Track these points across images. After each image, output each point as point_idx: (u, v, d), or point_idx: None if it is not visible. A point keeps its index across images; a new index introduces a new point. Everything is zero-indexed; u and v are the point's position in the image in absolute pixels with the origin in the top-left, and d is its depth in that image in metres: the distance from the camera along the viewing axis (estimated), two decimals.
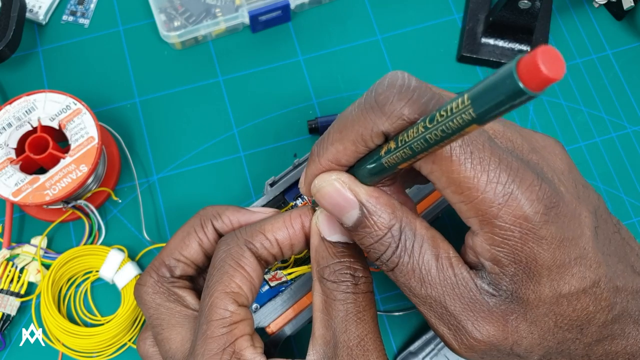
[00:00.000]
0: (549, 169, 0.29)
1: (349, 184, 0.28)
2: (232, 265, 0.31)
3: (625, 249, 0.31)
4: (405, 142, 0.24)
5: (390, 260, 0.28)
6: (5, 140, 0.44)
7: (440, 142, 0.23)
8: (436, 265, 0.28)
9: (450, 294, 0.28)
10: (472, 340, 0.28)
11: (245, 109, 0.52)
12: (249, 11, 0.51)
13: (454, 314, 0.28)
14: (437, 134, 0.22)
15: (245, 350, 0.30)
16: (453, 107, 0.21)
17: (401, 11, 0.55)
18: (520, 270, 0.27)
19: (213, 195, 0.49)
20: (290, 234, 0.32)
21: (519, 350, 0.28)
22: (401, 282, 0.29)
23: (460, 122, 0.21)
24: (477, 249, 0.27)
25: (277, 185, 0.41)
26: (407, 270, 0.28)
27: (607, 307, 0.28)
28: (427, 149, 0.24)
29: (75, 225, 0.48)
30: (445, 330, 0.29)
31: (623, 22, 0.56)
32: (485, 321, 0.27)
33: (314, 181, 0.29)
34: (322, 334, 0.30)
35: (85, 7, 0.54)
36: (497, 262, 0.27)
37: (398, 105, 0.26)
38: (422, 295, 0.28)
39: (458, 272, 0.28)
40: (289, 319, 0.37)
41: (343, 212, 0.29)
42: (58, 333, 0.44)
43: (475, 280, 0.28)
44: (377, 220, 0.28)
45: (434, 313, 0.28)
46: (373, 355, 0.30)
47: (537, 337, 0.28)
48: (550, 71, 0.17)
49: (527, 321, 0.27)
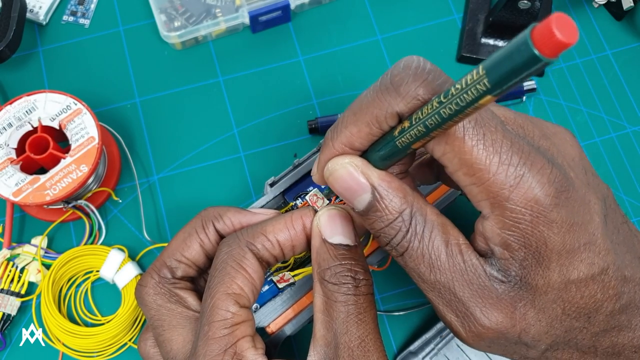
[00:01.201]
0: (559, 155, 0.29)
1: (361, 167, 0.28)
2: (234, 266, 0.31)
3: (633, 240, 0.31)
4: (419, 120, 0.25)
5: (400, 245, 0.28)
6: (6, 140, 0.44)
7: (454, 116, 0.23)
8: (446, 251, 0.28)
9: (459, 280, 0.28)
10: (480, 327, 0.28)
11: (245, 109, 0.52)
12: (249, 11, 0.51)
13: (463, 300, 0.28)
14: (451, 108, 0.23)
15: (246, 351, 0.30)
16: (468, 79, 0.21)
17: (401, 11, 0.55)
18: (529, 254, 0.27)
19: (213, 195, 0.49)
20: (291, 235, 0.32)
21: (527, 338, 0.28)
22: (410, 267, 0.29)
23: (475, 93, 0.21)
24: (487, 233, 0.27)
25: (277, 185, 0.41)
26: (417, 255, 0.28)
27: (615, 295, 0.28)
28: (440, 125, 0.24)
29: (76, 225, 0.48)
30: (453, 318, 0.29)
31: (623, 22, 0.56)
32: (494, 308, 0.27)
33: (327, 165, 0.29)
34: (323, 334, 0.30)
35: (85, 7, 0.54)
36: (507, 247, 0.27)
37: (413, 86, 0.26)
38: (431, 281, 0.28)
39: (467, 258, 0.28)
40: (288, 319, 0.37)
41: (355, 195, 0.29)
42: (58, 333, 0.44)
43: (485, 266, 0.28)
44: (388, 204, 0.28)
45: (442, 299, 0.28)
46: (374, 356, 0.30)
47: (545, 325, 0.28)
48: (564, 36, 0.18)
49: (535, 308, 0.27)
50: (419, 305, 0.46)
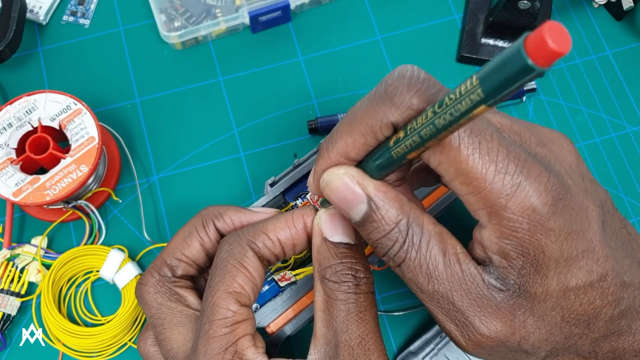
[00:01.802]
0: (556, 162, 0.29)
1: (357, 178, 0.28)
2: (235, 265, 0.31)
3: (632, 245, 0.31)
4: (414, 130, 0.25)
5: (397, 256, 0.28)
6: (6, 140, 0.44)
7: (448, 127, 0.23)
8: (443, 260, 0.28)
9: (457, 289, 0.28)
10: (479, 336, 0.28)
11: (245, 109, 0.52)
12: (249, 11, 0.51)
13: (462, 309, 0.28)
14: (445, 119, 0.22)
15: (247, 350, 0.30)
16: (462, 89, 0.21)
17: (401, 11, 0.55)
18: (527, 263, 0.27)
19: (213, 195, 0.49)
20: (292, 234, 0.32)
21: (527, 346, 0.28)
22: (408, 278, 0.29)
23: (469, 103, 0.21)
24: (485, 242, 0.27)
25: (277, 185, 0.41)
26: (415, 266, 0.28)
27: (614, 301, 0.28)
28: (435, 135, 0.24)
29: (76, 225, 0.48)
30: (452, 327, 0.29)
31: (623, 22, 0.56)
32: (493, 317, 0.27)
33: (323, 176, 0.29)
34: (323, 333, 0.30)
35: (85, 8, 0.54)
36: (504, 255, 0.27)
37: (407, 96, 0.26)
38: (429, 291, 0.28)
39: (465, 267, 0.28)
40: (289, 319, 0.37)
41: (351, 206, 0.28)
42: (58, 333, 0.44)
43: (483, 275, 0.28)
44: (384, 215, 0.28)
45: (441, 309, 0.28)
46: (374, 355, 0.30)
47: (544, 333, 0.28)
48: (557, 45, 0.18)
49: (534, 316, 0.27)
50: (419, 305, 0.46)
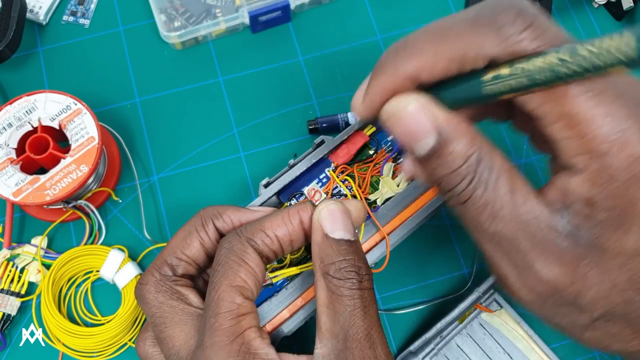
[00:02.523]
0: None
1: (428, 108, 0.26)
2: (236, 260, 0.31)
3: None
4: (525, 72, 0.22)
5: (463, 193, 0.26)
6: (6, 140, 0.44)
7: (571, 77, 0.21)
8: (511, 200, 0.26)
9: (522, 231, 0.26)
10: (537, 281, 0.26)
11: (245, 109, 0.52)
12: (249, 11, 0.51)
13: (524, 251, 0.26)
14: (571, 69, 0.21)
15: (254, 340, 0.30)
16: (609, 44, 0.19)
17: (401, 11, 0.55)
18: (613, 215, 0.25)
19: (213, 195, 0.49)
20: (289, 230, 0.32)
21: (583, 301, 0.26)
22: (469, 217, 0.27)
23: (612, 61, 0.19)
24: (572, 188, 0.25)
25: (271, 186, 0.41)
26: (479, 205, 0.26)
27: None
28: (550, 83, 0.22)
29: (76, 225, 0.48)
30: (509, 270, 0.27)
31: (623, 22, 0.56)
32: (555, 262, 0.26)
33: (389, 104, 0.26)
34: (329, 327, 0.30)
35: (85, 8, 0.54)
36: (591, 204, 0.25)
37: (518, 29, 0.23)
38: (491, 232, 0.26)
39: (534, 208, 0.26)
40: (284, 319, 0.37)
41: (417, 139, 0.26)
42: (58, 333, 0.44)
43: (552, 219, 0.26)
44: (454, 149, 0.25)
45: (500, 251, 0.27)
46: (379, 347, 0.30)
47: (604, 290, 0.26)
48: None
49: (599, 270, 0.25)
50: (419, 305, 0.46)
